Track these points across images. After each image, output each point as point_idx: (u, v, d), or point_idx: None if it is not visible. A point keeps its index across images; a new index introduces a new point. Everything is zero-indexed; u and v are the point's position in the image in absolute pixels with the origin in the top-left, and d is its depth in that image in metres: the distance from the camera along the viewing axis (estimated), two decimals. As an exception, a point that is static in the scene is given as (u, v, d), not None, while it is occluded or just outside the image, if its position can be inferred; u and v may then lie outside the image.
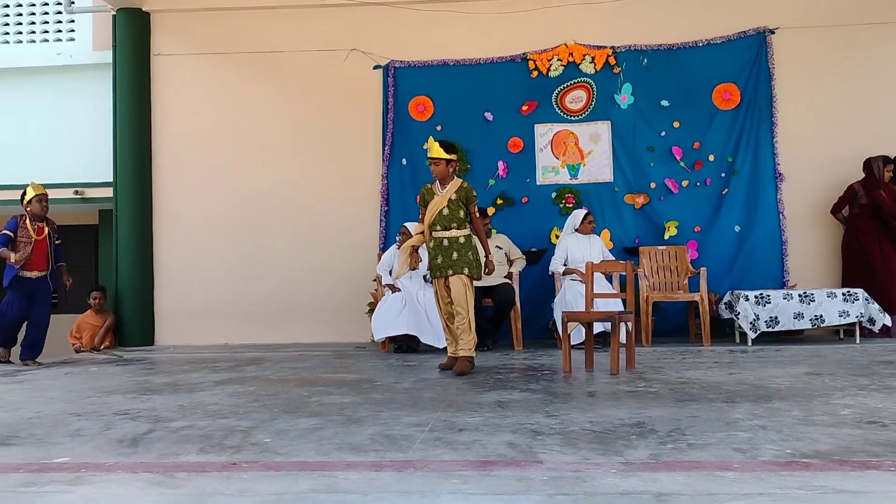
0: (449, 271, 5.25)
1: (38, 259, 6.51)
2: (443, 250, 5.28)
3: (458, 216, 5.31)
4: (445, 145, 5.37)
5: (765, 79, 7.60)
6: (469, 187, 5.38)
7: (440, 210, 5.30)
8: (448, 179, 5.38)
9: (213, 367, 5.94)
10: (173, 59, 8.28)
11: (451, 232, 5.30)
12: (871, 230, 7.13)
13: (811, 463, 2.67)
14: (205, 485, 2.59)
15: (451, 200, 5.31)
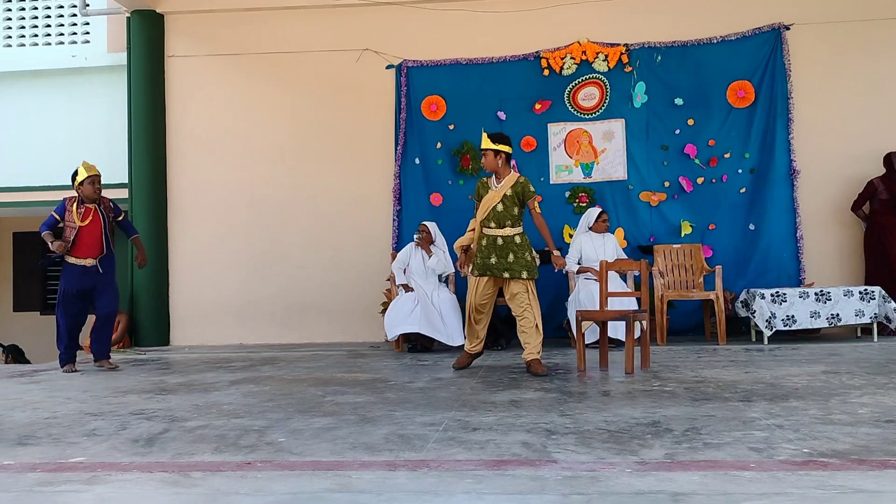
0: (505, 274, 5.05)
1: (89, 244, 5.93)
2: (497, 249, 5.08)
3: (514, 213, 5.09)
4: (495, 136, 5.15)
5: (780, 76, 7.54)
6: (526, 182, 5.13)
7: (494, 206, 5.09)
8: (503, 173, 5.14)
9: (228, 367, 5.97)
10: (187, 60, 8.32)
11: (505, 230, 5.09)
12: (891, 226, 7.06)
13: (829, 462, 2.65)
14: (220, 484, 2.60)
15: (505, 196, 5.08)
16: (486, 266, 5.12)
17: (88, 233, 5.92)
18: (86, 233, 5.91)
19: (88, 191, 5.95)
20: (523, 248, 5.09)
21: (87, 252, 5.93)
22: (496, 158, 5.11)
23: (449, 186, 7.89)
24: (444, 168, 7.91)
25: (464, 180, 7.86)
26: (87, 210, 5.94)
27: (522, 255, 5.07)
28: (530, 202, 5.11)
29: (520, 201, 5.10)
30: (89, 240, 5.92)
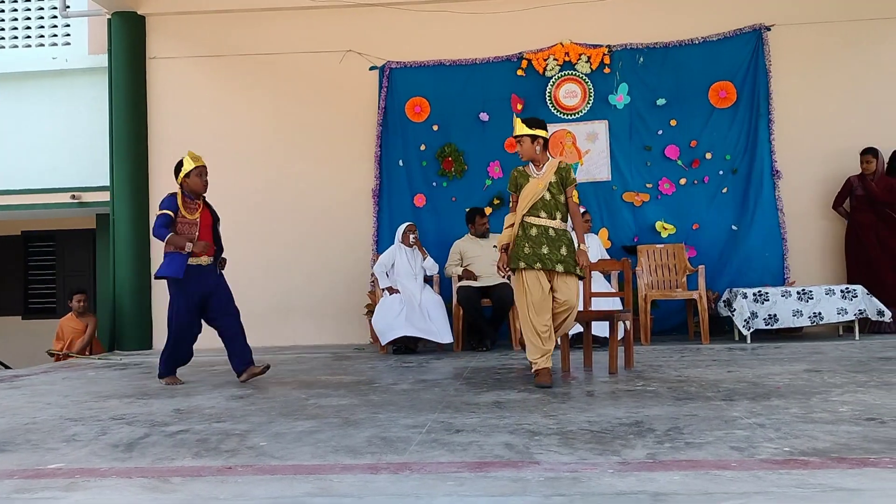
0: (559, 266, 4.59)
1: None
2: (549, 240, 4.61)
3: (560, 202, 4.69)
4: (530, 121, 4.76)
5: (761, 76, 7.58)
6: (568, 167, 4.76)
7: (541, 196, 4.66)
8: (542, 159, 4.74)
9: (211, 371, 5.93)
10: (169, 62, 8.27)
11: (556, 222, 4.66)
12: (868, 223, 7.12)
13: (809, 461, 2.66)
14: (199, 489, 2.57)
15: (551, 184, 4.67)
16: (536, 256, 4.59)
17: (203, 229, 5.25)
18: (201, 229, 5.24)
19: (197, 184, 5.25)
20: (573, 242, 4.71)
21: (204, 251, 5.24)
22: (534, 144, 4.70)
23: (432, 188, 7.89)
24: (428, 169, 7.90)
25: (447, 182, 7.86)
26: (196, 206, 5.29)
27: (573, 249, 4.67)
28: (569, 189, 4.71)
29: (563, 188, 4.70)
30: (203, 237, 5.24)
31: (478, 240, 7.20)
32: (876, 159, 7.16)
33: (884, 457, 2.67)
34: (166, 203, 5.19)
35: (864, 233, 7.14)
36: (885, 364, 5.02)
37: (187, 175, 5.24)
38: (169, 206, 5.17)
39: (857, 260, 7.20)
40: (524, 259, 4.63)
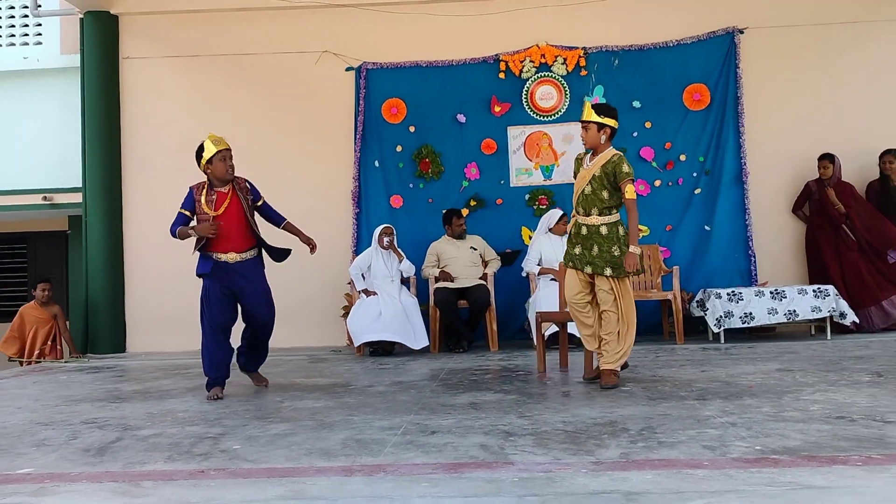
0: (587, 268, 4.41)
1: (230, 236, 4.75)
2: (582, 239, 4.44)
3: (602, 197, 4.38)
4: (601, 107, 4.49)
5: (733, 79, 7.65)
6: (621, 160, 4.38)
7: (582, 189, 4.46)
8: (602, 150, 4.46)
9: (185, 374, 5.88)
10: (142, 62, 8.18)
11: (590, 218, 4.42)
12: (825, 227, 7.21)
13: (780, 459, 2.69)
14: (171, 493, 2.55)
15: (594, 177, 4.39)
16: (570, 255, 4.53)
17: (227, 222, 4.75)
18: (223, 223, 4.75)
19: (220, 169, 4.74)
20: (611, 240, 4.38)
21: (229, 245, 4.74)
22: (600, 133, 4.43)
23: (409, 189, 7.88)
24: (405, 171, 7.89)
25: (423, 183, 7.86)
26: (221, 195, 4.76)
27: (608, 248, 4.37)
28: (623, 184, 4.35)
29: (611, 183, 4.37)
30: (229, 230, 4.75)
31: (455, 241, 7.20)
32: (832, 164, 7.24)
33: (853, 455, 2.71)
34: (186, 201, 4.81)
35: (821, 236, 7.23)
36: (856, 363, 5.09)
37: (209, 161, 4.74)
38: (187, 204, 4.79)
39: (815, 264, 7.30)
40: (564, 258, 4.61)
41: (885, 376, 4.48)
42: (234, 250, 4.75)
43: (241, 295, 4.80)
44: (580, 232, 4.46)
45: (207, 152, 4.75)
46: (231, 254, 4.73)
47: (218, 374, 4.71)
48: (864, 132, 7.54)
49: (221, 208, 4.74)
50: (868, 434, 3.02)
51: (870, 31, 7.68)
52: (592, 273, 4.42)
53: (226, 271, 4.74)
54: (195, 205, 4.77)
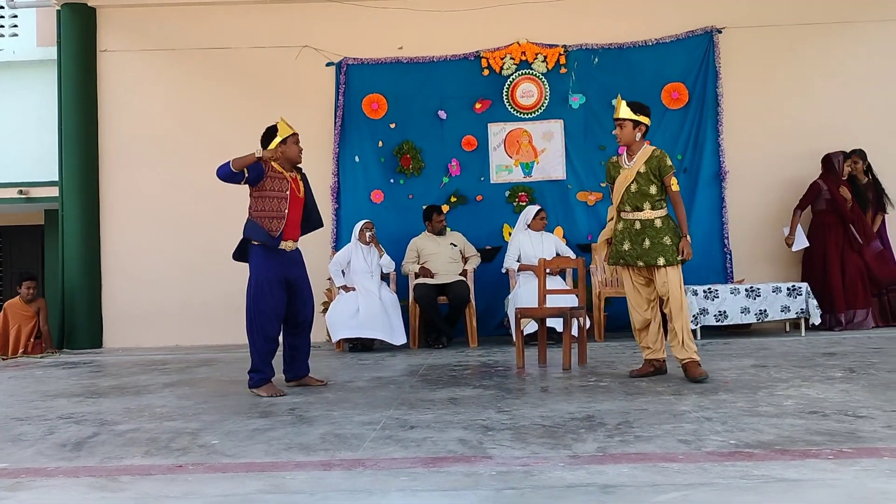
0: (640, 262, 4.50)
1: (294, 224, 4.58)
2: (632, 235, 4.52)
3: (650, 193, 4.51)
4: (635, 105, 4.58)
5: (712, 78, 7.73)
6: (663, 155, 4.54)
7: (627, 187, 4.53)
8: (637, 148, 4.58)
9: (163, 370, 5.85)
10: (120, 55, 8.10)
11: (643, 213, 4.51)
12: (835, 225, 7.25)
13: (754, 453, 2.73)
14: (149, 488, 2.55)
15: (639, 174, 4.51)
16: (618, 253, 4.58)
17: (297, 209, 4.59)
18: (295, 209, 4.55)
19: (294, 152, 4.58)
20: (663, 231, 4.49)
21: (290, 234, 4.55)
22: (635, 130, 4.55)
23: (390, 185, 7.88)
24: (386, 166, 7.89)
25: (404, 179, 7.87)
26: (294, 179, 4.60)
27: (660, 239, 4.46)
28: (667, 178, 4.51)
29: (656, 178, 4.52)
30: (295, 217, 4.58)
31: (435, 237, 7.22)
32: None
33: (825, 448, 2.76)
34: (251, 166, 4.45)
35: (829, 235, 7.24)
36: (829, 360, 5.17)
37: (283, 141, 4.54)
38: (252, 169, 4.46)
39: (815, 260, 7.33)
40: (611, 257, 4.67)
41: (857, 372, 4.56)
42: (292, 238, 4.61)
43: (294, 286, 4.58)
44: (632, 227, 4.54)
45: (283, 132, 4.57)
46: (289, 242, 4.57)
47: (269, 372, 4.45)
48: (840, 132, 7.64)
49: (301, 191, 4.62)
50: (840, 428, 3.07)
51: (845, 33, 7.79)
52: (645, 265, 4.51)
53: (285, 260, 4.55)
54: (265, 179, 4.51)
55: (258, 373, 4.42)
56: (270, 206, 4.49)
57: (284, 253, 4.54)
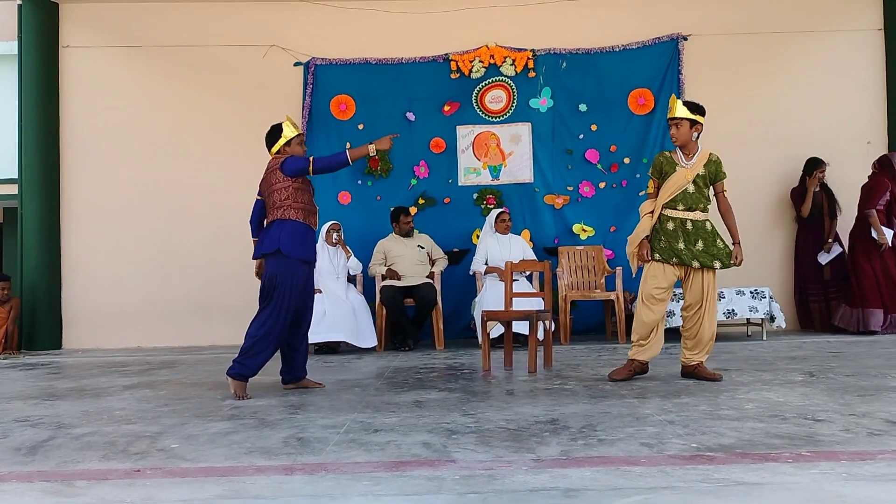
0: (695, 262, 4.50)
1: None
2: (686, 234, 4.52)
3: (705, 195, 4.57)
4: (691, 105, 4.57)
5: (677, 84, 7.81)
6: (720, 161, 4.60)
7: (684, 188, 4.52)
8: (693, 148, 4.57)
9: (123, 371, 5.74)
10: (83, 51, 7.96)
11: (695, 214, 4.54)
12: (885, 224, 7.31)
13: (715, 456, 2.76)
14: (105, 493, 2.49)
15: (698, 176, 4.53)
16: (672, 250, 4.51)
17: None
18: None
19: (299, 153, 4.57)
20: (714, 235, 4.56)
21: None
22: (692, 130, 4.54)
23: (358, 186, 7.85)
24: (353, 168, 7.84)
25: (372, 181, 7.84)
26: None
27: (713, 242, 4.53)
28: (721, 184, 4.60)
29: (710, 182, 4.58)
30: None
31: (402, 239, 7.20)
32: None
33: (784, 452, 2.80)
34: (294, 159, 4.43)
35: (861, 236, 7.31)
36: (790, 363, 5.25)
37: (288, 143, 4.54)
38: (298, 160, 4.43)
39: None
40: (659, 252, 4.55)
41: (817, 376, 4.63)
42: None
43: (306, 284, 4.49)
44: (684, 226, 4.53)
45: (288, 133, 4.55)
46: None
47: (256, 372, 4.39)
48: (802, 139, 7.78)
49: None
50: (799, 432, 3.11)
51: (807, 42, 7.92)
52: (701, 266, 4.50)
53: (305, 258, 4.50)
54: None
55: (244, 367, 4.31)
56: (307, 200, 4.51)
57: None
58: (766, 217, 7.87)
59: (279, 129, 4.58)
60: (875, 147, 7.84)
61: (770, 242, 7.85)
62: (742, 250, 4.61)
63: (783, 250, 7.87)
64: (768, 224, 7.86)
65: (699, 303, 4.53)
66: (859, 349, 5.99)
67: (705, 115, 4.61)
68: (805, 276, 7.55)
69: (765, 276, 7.54)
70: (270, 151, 4.61)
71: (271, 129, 4.61)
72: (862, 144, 7.84)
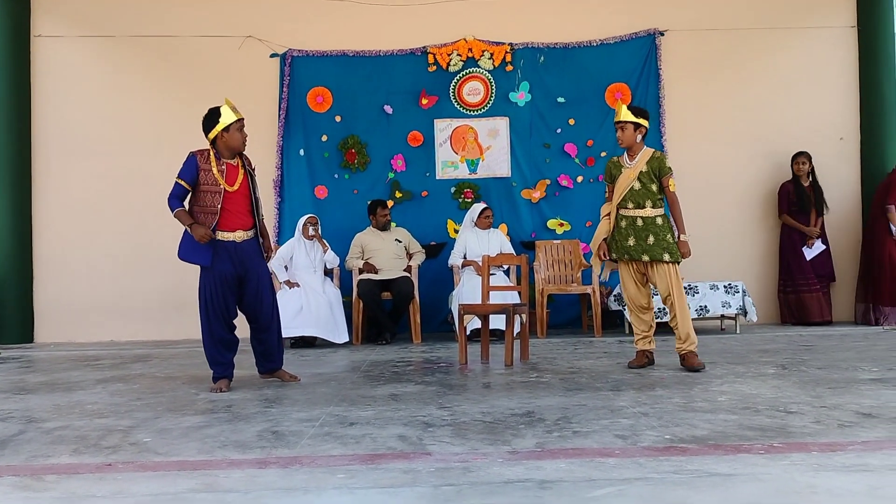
0: (644, 256, 4.73)
1: (239, 213, 4.36)
2: (636, 231, 4.75)
3: (652, 191, 4.77)
4: (636, 109, 4.88)
5: (654, 79, 7.85)
6: (662, 157, 4.84)
7: (630, 186, 4.77)
8: (637, 149, 4.84)
9: (96, 365, 5.68)
10: (56, 41, 7.83)
11: (645, 210, 4.77)
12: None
13: (688, 448, 2.78)
14: (76, 487, 2.46)
15: (641, 173, 4.76)
16: (623, 248, 4.80)
17: (238, 198, 4.36)
18: (234, 199, 4.34)
19: (237, 140, 4.34)
20: (665, 229, 4.76)
21: (238, 223, 4.34)
22: (636, 133, 4.81)
23: (335, 180, 7.81)
24: (330, 161, 7.81)
25: (349, 174, 7.80)
26: (231, 168, 4.35)
27: (664, 236, 4.73)
28: (665, 179, 4.79)
29: (656, 178, 4.79)
30: (239, 206, 4.36)
31: (379, 232, 7.18)
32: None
33: (756, 443, 2.82)
34: (186, 169, 4.31)
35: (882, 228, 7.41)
36: (763, 356, 5.31)
37: (226, 129, 4.31)
38: (186, 173, 4.30)
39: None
40: (614, 251, 4.87)
41: (789, 369, 4.69)
42: (242, 228, 4.37)
43: (245, 279, 4.39)
44: (634, 224, 4.78)
45: (226, 119, 4.31)
46: (239, 232, 4.35)
47: (226, 371, 4.39)
48: (778, 134, 7.86)
49: (237, 183, 4.35)
50: (771, 424, 3.15)
51: (783, 38, 7.99)
52: (651, 260, 4.73)
53: (234, 252, 4.34)
54: (199, 174, 4.29)
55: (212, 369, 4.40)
56: (204, 200, 4.34)
57: (235, 245, 4.35)
58: (739, 211, 7.93)
59: (217, 114, 4.33)
60: (848, 143, 7.94)
61: (746, 237, 7.92)
62: (687, 243, 4.81)
63: (761, 244, 7.94)
64: (742, 218, 7.93)
65: (669, 296, 4.73)
66: (831, 342, 6.08)
67: (649, 118, 4.92)
68: (791, 268, 7.60)
69: (742, 271, 7.62)
70: (207, 137, 4.38)
71: (209, 112, 4.37)
72: (835, 140, 7.93)
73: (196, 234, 4.23)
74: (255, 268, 4.43)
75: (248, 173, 4.45)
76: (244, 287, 4.42)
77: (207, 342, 4.38)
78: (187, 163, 4.35)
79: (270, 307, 4.51)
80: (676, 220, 4.86)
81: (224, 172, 4.33)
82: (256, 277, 4.43)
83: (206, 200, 4.32)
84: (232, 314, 4.43)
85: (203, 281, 4.37)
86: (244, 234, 4.38)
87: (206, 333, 4.37)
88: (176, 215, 4.30)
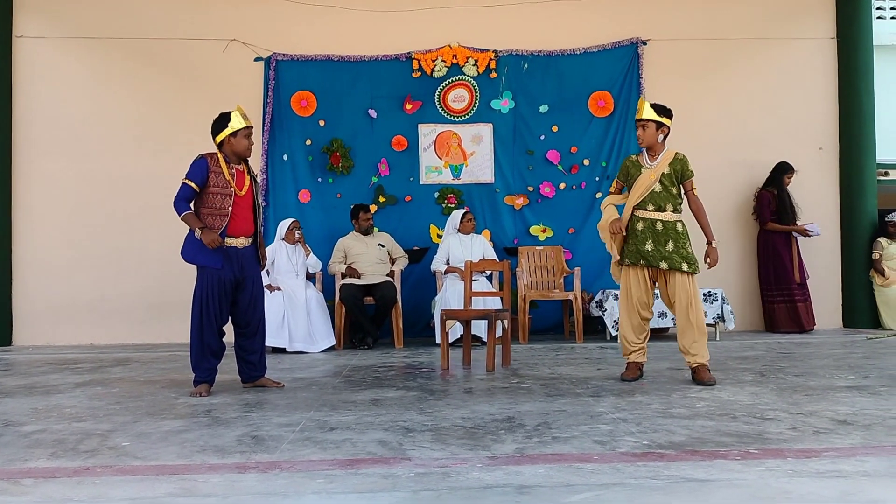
0: (663, 263, 4.44)
1: (245, 219, 4.37)
2: (654, 235, 4.47)
3: (673, 194, 4.52)
4: (658, 107, 4.57)
5: (636, 87, 7.93)
6: (685, 159, 4.56)
7: (651, 187, 4.49)
8: (659, 149, 4.57)
9: (75, 369, 5.63)
10: (38, 42, 7.79)
11: (665, 214, 4.49)
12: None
13: (665, 453, 2.80)
14: (53, 491, 2.45)
15: (663, 175, 4.50)
16: (639, 253, 4.48)
17: (245, 204, 4.36)
18: (242, 203, 4.34)
19: (243, 146, 4.35)
20: (685, 237, 4.49)
21: (241, 229, 4.36)
22: (658, 132, 4.54)
23: (318, 184, 7.80)
24: (314, 165, 7.81)
25: (333, 178, 7.80)
26: (240, 173, 4.36)
27: (683, 244, 4.47)
28: (688, 182, 4.56)
29: (677, 181, 4.54)
30: (245, 212, 4.37)
31: (362, 237, 7.18)
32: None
33: (733, 449, 2.85)
34: (194, 170, 4.26)
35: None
36: (741, 363, 5.36)
37: (234, 134, 4.33)
38: (195, 174, 4.25)
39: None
40: (629, 256, 4.53)
41: (767, 376, 4.74)
42: (245, 234, 4.39)
43: (243, 285, 4.40)
44: (653, 227, 4.48)
45: (235, 124, 4.33)
46: (241, 238, 4.36)
47: (209, 376, 4.37)
48: (758, 143, 7.96)
49: (244, 189, 4.35)
50: (748, 430, 3.18)
51: (762, 49, 8.10)
52: (669, 268, 4.44)
53: (235, 257, 4.35)
54: (209, 177, 4.26)
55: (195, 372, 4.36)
56: (213, 203, 4.31)
57: (237, 251, 4.36)
58: (718, 219, 7.97)
59: (226, 119, 4.37)
60: (827, 153, 8.05)
61: (725, 244, 7.97)
62: (717, 250, 4.58)
63: (741, 252, 8.03)
64: (721, 226, 7.98)
65: (680, 306, 4.45)
66: (808, 350, 6.14)
67: (672, 117, 4.62)
68: (770, 277, 7.69)
69: (721, 279, 7.68)
70: (214, 140, 4.40)
71: (219, 116, 4.41)
72: (814, 150, 8.03)
73: (206, 239, 4.20)
74: (253, 274, 4.45)
75: (252, 180, 4.47)
76: (240, 292, 4.43)
77: (195, 345, 4.34)
78: (197, 164, 4.30)
79: (261, 314, 4.55)
80: (703, 226, 4.61)
81: (235, 176, 4.35)
82: (252, 284, 4.46)
83: (216, 203, 4.30)
84: (224, 319, 4.41)
85: (201, 283, 4.35)
86: (246, 240, 4.41)
87: (195, 336, 4.34)
88: (184, 218, 4.26)
